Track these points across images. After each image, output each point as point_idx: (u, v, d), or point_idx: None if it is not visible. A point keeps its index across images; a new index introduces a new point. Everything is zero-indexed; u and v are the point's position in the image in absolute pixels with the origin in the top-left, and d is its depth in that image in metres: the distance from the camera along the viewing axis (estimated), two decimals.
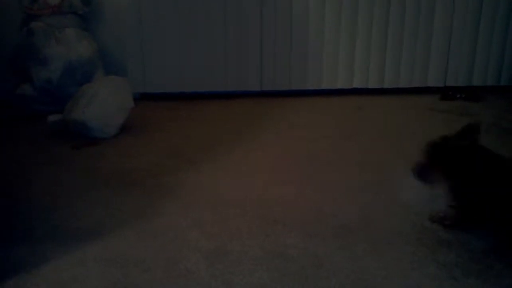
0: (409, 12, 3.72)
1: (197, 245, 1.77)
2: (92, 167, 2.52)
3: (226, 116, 3.39)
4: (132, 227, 1.90)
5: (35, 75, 3.40)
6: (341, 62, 3.81)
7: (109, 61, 3.66)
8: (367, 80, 3.86)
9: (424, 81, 3.87)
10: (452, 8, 3.73)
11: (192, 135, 3.01)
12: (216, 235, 1.84)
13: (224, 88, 3.80)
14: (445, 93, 3.76)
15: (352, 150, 2.74)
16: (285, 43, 3.75)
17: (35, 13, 3.44)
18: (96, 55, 3.52)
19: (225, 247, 1.76)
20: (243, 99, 3.75)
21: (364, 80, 3.85)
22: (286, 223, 1.92)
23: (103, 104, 2.91)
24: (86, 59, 3.44)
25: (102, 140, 2.88)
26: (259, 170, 2.47)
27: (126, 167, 2.51)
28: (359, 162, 2.56)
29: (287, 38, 3.74)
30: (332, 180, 2.35)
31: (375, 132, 3.05)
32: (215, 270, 1.63)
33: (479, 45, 3.82)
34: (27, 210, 2.04)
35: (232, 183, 2.31)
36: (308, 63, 3.80)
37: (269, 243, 1.78)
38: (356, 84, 3.85)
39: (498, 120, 3.20)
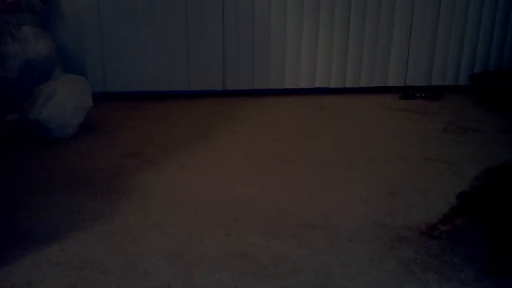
0: (370, 13, 3.75)
1: (157, 246, 1.75)
2: (50, 168, 2.46)
3: (188, 116, 3.36)
4: (90, 229, 1.86)
5: None
6: (304, 62, 3.82)
7: (68, 60, 3.57)
8: (329, 80, 3.88)
9: (384, 80, 3.92)
10: (411, 10, 3.78)
11: (153, 135, 2.97)
12: (176, 236, 1.82)
13: (186, 88, 3.76)
14: (405, 92, 3.82)
15: (314, 149, 2.76)
16: (247, 42, 3.73)
17: None
18: (54, 54, 3.44)
19: (185, 247, 1.74)
20: (205, 99, 3.72)
21: (327, 80, 3.88)
22: (247, 222, 1.92)
23: (61, 103, 2.84)
24: (44, 57, 3.35)
25: (60, 140, 2.81)
26: (220, 170, 2.46)
27: (84, 167, 2.46)
28: (320, 161, 2.58)
29: (250, 37, 3.72)
30: (294, 179, 2.35)
31: (337, 131, 3.07)
32: (175, 271, 1.61)
33: (438, 46, 3.88)
34: None
35: (193, 183, 2.29)
36: (271, 62, 3.79)
37: (230, 243, 1.78)
38: (319, 83, 3.87)
39: (456, 118, 3.26)
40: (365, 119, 3.32)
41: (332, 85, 3.88)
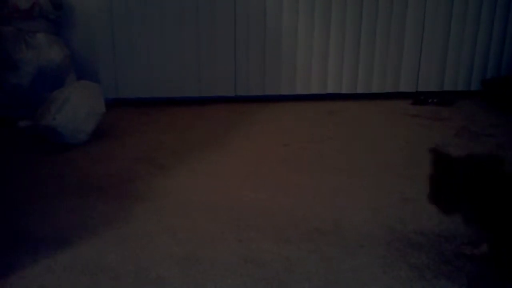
0: (381, 19, 3.75)
1: (169, 251, 1.75)
2: (62, 173, 2.48)
3: (199, 122, 3.37)
4: (103, 234, 1.87)
5: (4, 80, 3.33)
6: (315, 68, 3.82)
7: (81, 66, 3.61)
8: (340, 86, 3.88)
9: (396, 86, 3.91)
10: (423, 15, 3.78)
11: (164, 140, 2.98)
12: (187, 241, 1.82)
13: (197, 94, 3.78)
14: (417, 98, 3.81)
15: (324, 155, 2.75)
16: (258, 48, 3.75)
17: (5, 16, 3.38)
18: (68, 60, 3.47)
19: (197, 253, 1.74)
20: (216, 105, 3.73)
21: (338, 86, 3.88)
22: (259, 228, 1.92)
23: (74, 109, 2.87)
24: (57, 64, 3.39)
25: (73, 145, 2.84)
26: (231, 175, 2.46)
27: (97, 173, 2.48)
28: (331, 166, 2.57)
29: (261, 43, 3.74)
30: (305, 184, 2.35)
31: (348, 136, 3.07)
32: (187, 276, 1.61)
33: (450, 51, 3.88)
34: None
35: (204, 189, 2.30)
36: (282, 68, 3.80)
37: (242, 249, 1.78)
38: (330, 89, 3.87)
39: (468, 123, 3.25)
40: (376, 125, 3.31)
41: (343, 91, 3.89)
